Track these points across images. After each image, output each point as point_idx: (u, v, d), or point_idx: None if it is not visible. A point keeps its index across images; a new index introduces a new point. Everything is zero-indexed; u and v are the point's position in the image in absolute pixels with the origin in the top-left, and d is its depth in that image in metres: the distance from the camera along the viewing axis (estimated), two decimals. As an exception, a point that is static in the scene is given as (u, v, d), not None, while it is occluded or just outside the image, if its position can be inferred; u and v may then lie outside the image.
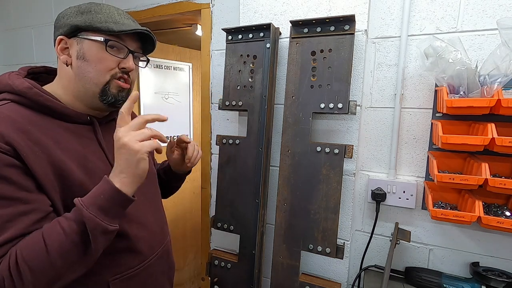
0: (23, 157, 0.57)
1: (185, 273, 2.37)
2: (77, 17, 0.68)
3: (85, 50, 0.67)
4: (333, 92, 0.98)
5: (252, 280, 1.10)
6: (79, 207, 0.58)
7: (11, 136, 0.57)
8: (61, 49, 0.69)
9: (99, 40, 0.66)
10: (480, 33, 0.95)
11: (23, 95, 0.64)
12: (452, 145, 0.87)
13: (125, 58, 0.70)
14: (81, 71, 0.68)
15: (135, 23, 0.73)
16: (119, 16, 0.70)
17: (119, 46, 0.69)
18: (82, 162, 0.67)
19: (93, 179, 0.66)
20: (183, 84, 2.30)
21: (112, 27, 0.67)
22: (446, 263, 1.06)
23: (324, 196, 0.99)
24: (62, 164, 0.62)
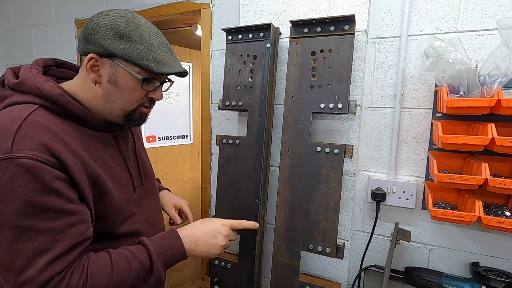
0: (68, 170, 0.58)
1: (185, 273, 2.37)
2: (115, 41, 0.63)
3: (119, 77, 0.65)
4: (333, 92, 0.98)
5: (252, 280, 1.10)
6: (152, 256, 0.65)
7: (56, 148, 0.57)
8: (91, 66, 0.65)
9: (137, 77, 0.65)
10: (480, 33, 0.95)
11: (55, 102, 0.62)
12: (452, 145, 0.87)
13: (155, 90, 0.71)
14: (110, 95, 0.67)
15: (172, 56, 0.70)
16: (159, 50, 0.67)
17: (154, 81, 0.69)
18: (109, 171, 0.69)
19: (118, 187, 0.70)
20: (183, 84, 2.30)
21: (153, 68, 0.65)
22: (446, 263, 1.06)
23: (324, 196, 0.99)
24: (97, 175, 0.64)
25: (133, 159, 0.81)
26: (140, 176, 0.82)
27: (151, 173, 0.89)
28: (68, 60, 0.79)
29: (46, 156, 0.56)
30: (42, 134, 0.57)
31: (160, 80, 0.71)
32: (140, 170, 0.82)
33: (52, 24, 1.88)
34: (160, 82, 0.71)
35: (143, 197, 0.81)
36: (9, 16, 2.08)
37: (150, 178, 0.88)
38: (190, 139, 2.38)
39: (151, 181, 0.88)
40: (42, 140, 0.56)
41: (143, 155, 0.89)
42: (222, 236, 0.77)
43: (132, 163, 0.79)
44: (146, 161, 0.89)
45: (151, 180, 0.88)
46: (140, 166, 0.82)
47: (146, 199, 0.83)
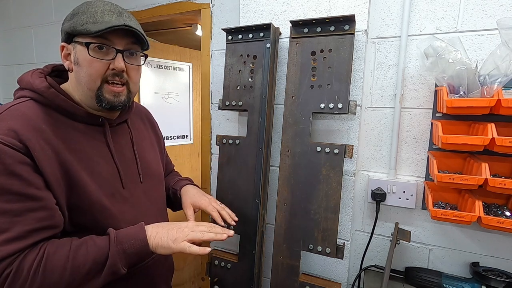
0: (34, 155, 0.59)
1: (185, 273, 2.37)
2: (68, 22, 0.67)
3: (78, 55, 0.67)
4: (333, 92, 0.98)
5: (252, 280, 1.10)
6: (111, 241, 0.64)
7: (25, 134, 0.59)
8: (64, 55, 0.70)
9: (83, 44, 0.65)
10: (480, 33, 0.95)
11: (41, 94, 0.66)
12: (452, 145, 0.87)
13: (114, 59, 0.67)
14: (77, 77, 0.69)
15: (120, 17, 0.67)
16: (102, 13, 0.66)
17: (107, 47, 0.67)
18: (89, 164, 0.68)
19: (98, 181, 0.69)
20: (183, 84, 2.30)
21: (90, 28, 0.64)
22: (446, 263, 1.06)
23: (324, 196, 0.99)
24: (69, 165, 0.64)
25: (128, 155, 0.79)
26: (139, 173, 0.80)
27: (155, 173, 0.87)
28: None
29: (13, 141, 0.58)
30: (17, 121, 0.61)
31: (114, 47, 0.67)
32: (138, 168, 0.80)
33: (52, 24, 1.88)
34: (116, 50, 0.67)
35: (139, 195, 0.79)
36: (9, 16, 2.08)
37: (153, 178, 0.86)
38: (190, 139, 2.38)
39: (154, 180, 0.86)
40: (13, 126, 0.60)
41: (148, 153, 0.87)
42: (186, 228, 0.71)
43: (125, 159, 0.77)
44: (151, 160, 0.87)
45: (154, 180, 0.86)
46: (138, 163, 0.80)
47: (142, 198, 0.80)
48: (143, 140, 0.87)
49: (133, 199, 0.77)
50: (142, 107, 0.98)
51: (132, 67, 0.72)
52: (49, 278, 0.59)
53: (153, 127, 0.97)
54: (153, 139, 0.93)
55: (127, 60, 0.70)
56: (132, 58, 0.72)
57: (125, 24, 0.66)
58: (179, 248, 0.68)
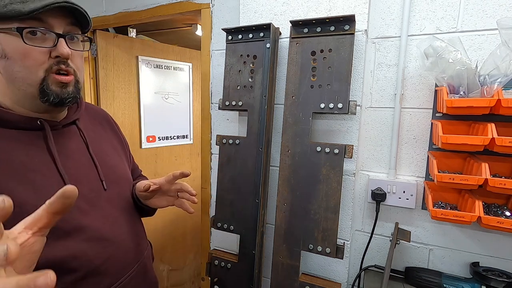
0: None
1: (185, 273, 2.37)
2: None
3: (4, 46, 0.54)
4: (333, 92, 0.98)
5: (252, 280, 1.10)
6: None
7: None
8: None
9: (12, 30, 0.52)
10: (480, 33, 0.95)
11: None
12: (452, 145, 0.87)
13: (55, 45, 0.56)
14: (8, 73, 0.56)
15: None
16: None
17: (43, 31, 0.55)
18: (26, 176, 0.55)
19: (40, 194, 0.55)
20: (183, 84, 2.30)
21: (20, 9, 0.51)
22: (446, 263, 1.06)
23: (324, 196, 0.99)
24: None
25: (82, 160, 0.67)
26: (101, 180, 0.68)
27: (121, 178, 0.76)
28: None
29: None
30: None
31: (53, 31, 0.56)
32: (100, 173, 0.68)
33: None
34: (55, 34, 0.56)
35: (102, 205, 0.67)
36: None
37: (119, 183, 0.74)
38: (190, 139, 2.38)
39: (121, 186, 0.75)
40: None
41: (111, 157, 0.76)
42: None
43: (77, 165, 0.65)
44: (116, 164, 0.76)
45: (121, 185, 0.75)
46: (98, 168, 0.69)
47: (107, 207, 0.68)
48: (102, 143, 0.76)
49: (95, 211, 0.64)
50: (100, 109, 0.86)
51: (76, 53, 0.61)
52: None
53: (113, 129, 0.84)
54: (115, 142, 0.82)
55: (70, 46, 0.59)
56: (74, 43, 0.61)
57: (66, 1, 0.55)
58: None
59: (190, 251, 2.39)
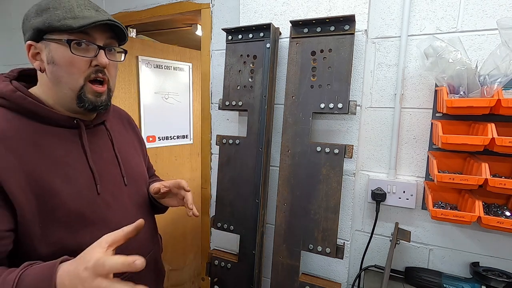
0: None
1: (185, 273, 2.37)
2: (37, 17, 0.62)
3: (53, 53, 0.62)
4: (333, 92, 0.98)
5: (252, 280, 1.10)
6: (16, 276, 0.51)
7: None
8: (32, 55, 0.65)
9: (62, 41, 0.61)
10: (480, 33, 0.95)
11: (7, 98, 0.62)
12: (452, 145, 0.87)
13: (96, 55, 0.65)
14: (54, 77, 0.64)
15: (98, 12, 0.65)
16: (79, 8, 0.62)
17: (86, 43, 0.63)
18: (64, 170, 0.63)
19: (75, 187, 0.63)
20: (183, 84, 2.30)
21: (71, 24, 0.60)
22: (446, 263, 1.06)
23: (324, 196, 0.99)
24: (39, 173, 0.59)
25: (108, 157, 0.74)
26: (122, 176, 0.76)
27: (140, 176, 0.84)
28: None
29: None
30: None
31: (95, 43, 0.64)
32: (122, 170, 0.76)
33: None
34: (97, 46, 0.64)
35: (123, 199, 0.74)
36: (9, 16, 2.08)
37: (138, 181, 0.82)
38: (190, 139, 2.38)
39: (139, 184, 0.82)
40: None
41: (132, 156, 0.83)
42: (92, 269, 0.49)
43: (104, 162, 0.73)
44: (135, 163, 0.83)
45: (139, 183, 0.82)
46: (121, 165, 0.76)
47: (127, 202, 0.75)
48: (125, 142, 0.83)
49: (116, 204, 0.72)
50: (123, 111, 0.94)
51: (112, 64, 0.69)
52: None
53: (134, 130, 0.92)
54: (135, 142, 0.89)
55: (109, 57, 0.67)
56: (111, 54, 0.70)
57: (110, 19, 0.64)
58: None
59: (190, 251, 2.39)
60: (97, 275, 0.47)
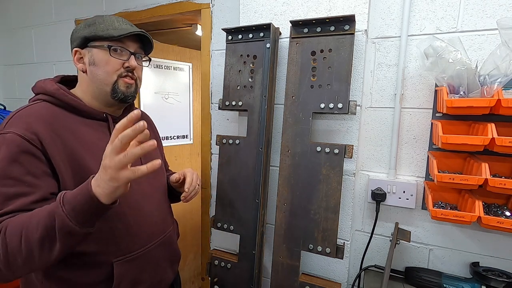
0: (44, 144, 0.68)
1: (185, 273, 2.37)
2: (85, 30, 0.80)
3: (95, 56, 0.79)
4: (333, 92, 0.98)
5: (252, 280, 1.10)
6: (57, 202, 0.61)
7: (38, 127, 0.69)
8: (77, 59, 0.82)
9: (104, 46, 0.78)
10: (480, 33, 0.95)
11: (52, 95, 0.77)
12: (452, 145, 0.87)
13: (128, 59, 0.81)
14: (93, 75, 0.80)
15: (132, 27, 0.83)
16: (118, 23, 0.81)
17: (121, 49, 0.80)
18: (95, 152, 0.76)
19: None
20: (183, 84, 2.30)
21: (112, 33, 0.78)
22: (446, 263, 1.06)
23: (324, 196, 0.99)
24: (76, 153, 0.73)
25: None
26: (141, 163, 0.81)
27: None
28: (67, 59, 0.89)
29: (26, 132, 0.67)
30: (31, 117, 0.71)
31: (128, 49, 0.81)
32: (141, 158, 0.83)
33: (52, 24, 1.88)
34: (129, 52, 0.81)
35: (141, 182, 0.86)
36: (9, 16, 2.08)
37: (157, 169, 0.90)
38: (190, 139, 2.38)
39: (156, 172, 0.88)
40: (28, 120, 0.70)
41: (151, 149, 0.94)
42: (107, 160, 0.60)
43: None
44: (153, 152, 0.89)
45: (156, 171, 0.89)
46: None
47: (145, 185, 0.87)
48: None
49: (136, 186, 0.83)
50: (145, 114, 1.09)
51: (139, 67, 0.86)
52: (10, 244, 0.60)
53: (153, 129, 1.07)
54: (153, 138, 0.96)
55: (137, 61, 0.84)
56: (139, 60, 0.86)
57: (141, 31, 0.81)
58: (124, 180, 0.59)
59: (190, 251, 2.39)
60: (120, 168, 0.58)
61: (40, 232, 0.60)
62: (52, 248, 0.61)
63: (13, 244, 0.60)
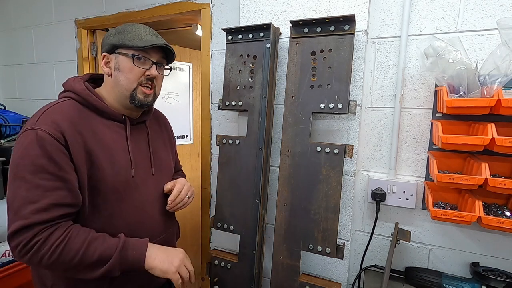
0: (68, 143, 0.74)
1: (185, 273, 2.37)
2: (114, 37, 0.84)
3: (120, 63, 0.83)
4: (333, 92, 0.98)
5: (252, 280, 1.10)
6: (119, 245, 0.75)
7: (64, 127, 0.74)
8: (105, 63, 0.86)
9: (129, 55, 0.82)
10: (480, 33, 0.95)
11: (80, 94, 0.82)
12: (452, 145, 0.87)
13: (150, 68, 0.85)
14: (116, 79, 0.84)
15: (158, 38, 0.87)
16: (145, 33, 0.85)
17: (144, 58, 0.84)
18: (110, 153, 0.81)
19: (115, 168, 0.81)
20: (183, 84, 2.30)
21: (137, 44, 0.82)
22: (446, 263, 1.06)
23: (324, 196, 0.99)
24: (93, 152, 0.78)
25: (143, 150, 0.92)
26: (151, 166, 0.92)
27: (166, 168, 1.00)
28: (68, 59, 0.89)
29: (55, 131, 0.72)
30: (59, 116, 0.76)
31: (151, 59, 0.84)
32: (152, 161, 0.93)
33: (52, 24, 1.88)
34: (151, 61, 0.85)
35: (149, 185, 0.91)
36: (9, 16, 2.08)
37: (163, 172, 0.98)
38: (190, 139, 2.38)
39: (164, 174, 0.98)
40: (55, 119, 0.74)
41: (162, 152, 1.00)
42: (178, 260, 0.82)
43: (140, 153, 0.90)
44: (164, 157, 1.00)
45: (164, 174, 0.98)
46: (151, 158, 0.93)
47: (152, 188, 0.92)
48: (158, 140, 1.00)
49: (143, 187, 0.88)
50: (163, 115, 1.11)
51: (160, 76, 0.89)
52: (64, 256, 0.71)
53: (168, 131, 1.09)
54: (166, 141, 1.05)
55: (158, 71, 0.87)
56: (160, 69, 0.89)
57: (165, 43, 0.85)
58: (171, 278, 0.80)
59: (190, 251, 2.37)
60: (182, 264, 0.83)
61: (96, 258, 0.73)
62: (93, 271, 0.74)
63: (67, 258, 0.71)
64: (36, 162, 0.71)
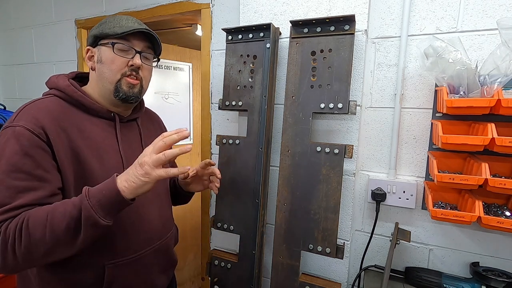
0: (50, 139, 0.69)
1: (185, 273, 2.37)
2: (96, 29, 0.81)
3: (102, 54, 0.80)
4: (333, 92, 0.98)
5: (252, 280, 1.10)
6: (83, 195, 0.66)
7: (45, 122, 0.69)
8: (88, 57, 0.83)
9: (109, 44, 0.78)
10: (480, 33, 0.95)
11: (63, 91, 0.78)
12: (452, 145, 0.87)
13: (133, 57, 0.80)
14: (99, 72, 0.80)
15: (140, 25, 0.82)
16: (126, 21, 0.80)
17: (126, 47, 0.79)
18: (98, 152, 0.77)
19: (104, 168, 0.76)
20: (183, 84, 2.30)
21: (117, 31, 0.78)
22: (446, 263, 1.06)
23: (324, 196, 0.99)
24: (80, 151, 0.73)
25: (136, 149, 0.87)
26: None
27: None
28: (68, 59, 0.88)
29: (34, 126, 0.68)
30: (39, 112, 0.71)
31: (134, 48, 0.80)
32: None
33: (52, 24, 1.88)
34: (135, 50, 0.80)
35: None
36: (9, 16, 2.08)
37: None
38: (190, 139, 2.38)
39: None
40: (36, 115, 0.70)
41: None
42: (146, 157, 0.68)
43: (132, 152, 0.84)
44: None
45: None
46: None
47: None
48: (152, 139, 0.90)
49: None
50: (156, 115, 1.09)
51: (146, 67, 0.84)
52: (33, 235, 0.63)
53: (162, 131, 1.05)
54: None
55: (143, 61, 0.82)
56: (146, 60, 0.84)
57: (146, 28, 0.80)
58: (156, 177, 0.68)
59: (190, 251, 2.39)
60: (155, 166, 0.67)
61: (67, 222, 0.63)
62: (76, 238, 0.65)
63: (37, 235, 0.63)
64: (10, 160, 0.65)
